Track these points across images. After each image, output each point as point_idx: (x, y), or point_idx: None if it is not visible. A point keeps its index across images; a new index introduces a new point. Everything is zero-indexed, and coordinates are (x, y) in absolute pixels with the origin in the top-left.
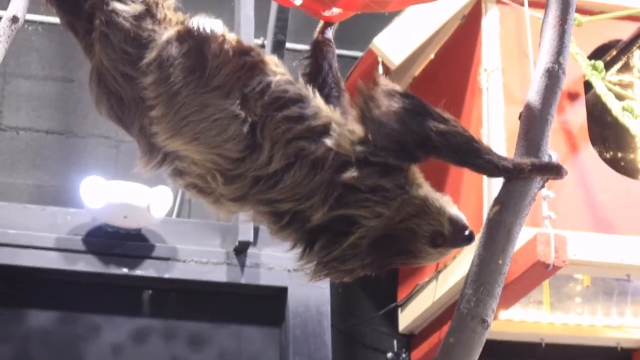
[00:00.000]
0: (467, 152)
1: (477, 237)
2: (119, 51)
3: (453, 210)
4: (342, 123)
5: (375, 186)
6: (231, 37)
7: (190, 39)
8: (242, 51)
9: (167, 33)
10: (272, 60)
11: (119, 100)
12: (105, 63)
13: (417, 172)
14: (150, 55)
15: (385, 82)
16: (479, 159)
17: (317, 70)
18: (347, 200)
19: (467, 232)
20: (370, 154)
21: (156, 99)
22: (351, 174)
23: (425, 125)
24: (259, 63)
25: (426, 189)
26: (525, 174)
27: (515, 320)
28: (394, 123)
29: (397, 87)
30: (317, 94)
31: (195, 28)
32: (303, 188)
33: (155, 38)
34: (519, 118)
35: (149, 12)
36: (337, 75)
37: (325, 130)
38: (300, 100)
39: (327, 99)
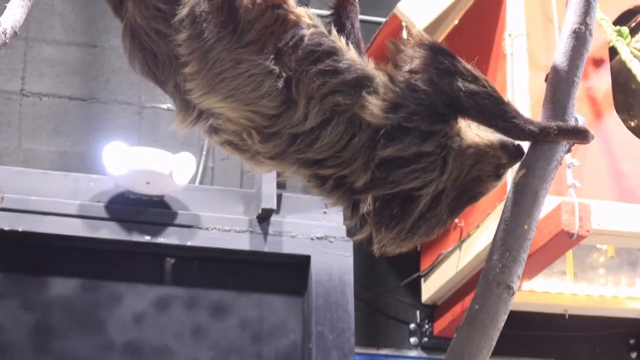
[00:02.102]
0: (494, 114)
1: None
2: (152, 8)
3: (495, 135)
4: (374, 76)
5: (418, 153)
6: None
7: None
8: (275, 4)
9: None
10: (305, 13)
11: (153, 57)
12: (138, 20)
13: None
14: (183, 11)
15: (418, 35)
16: (506, 122)
17: (339, 29)
18: (393, 173)
19: (517, 147)
20: (404, 120)
21: (190, 55)
22: (391, 149)
23: (455, 85)
24: (292, 15)
25: (466, 132)
26: (551, 137)
27: (539, 291)
28: (422, 84)
29: (429, 40)
30: (351, 46)
31: None
32: (344, 151)
33: None
34: (545, 80)
35: None
36: (358, 35)
37: (359, 84)
38: (334, 53)
39: None
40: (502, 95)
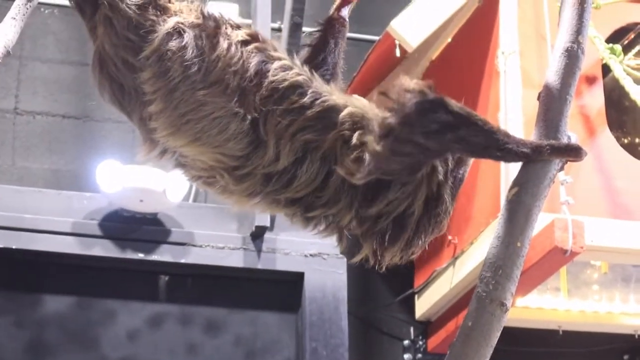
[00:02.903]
0: (487, 147)
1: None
2: (122, 37)
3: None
4: (341, 105)
5: (400, 195)
6: (230, 24)
7: (189, 30)
8: (240, 41)
9: (166, 24)
10: (270, 45)
11: (120, 87)
12: (106, 48)
13: None
14: (150, 47)
15: (402, 88)
16: (499, 150)
17: (322, 46)
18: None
19: None
20: (385, 174)
21: (154, 94)
22: (373, 209)
23: (444, 140)
24: (255, 50)
25: None
26: (544, 156)
27: (533, 307)
28: (409, 149)
29: (414, 96)
30: (315, 75)
31: (194, 19)
32: (325, 190)
33: (156, 29)
34: (538, 98)
35: (152, 1)
36: (338, 57)
37: (326, 116)
38: (299, 86)
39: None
40: (494, 114)
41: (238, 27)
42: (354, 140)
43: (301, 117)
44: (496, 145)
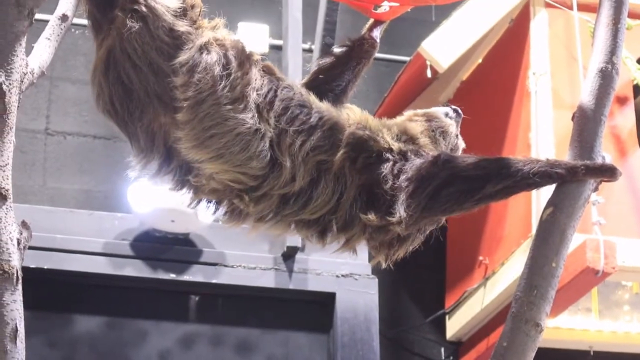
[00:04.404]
0: (519, 181)
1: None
2: (157, 38)
3: (437, 110)
4: (344, 123)
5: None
6: (245, 47)
7: (220, 47)
8: (254, 60)
9: (202, 38)
10: (270, 67)
11: (124, 94)
12: (130, 48)
13: None
14: (184, 56)
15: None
16: (534, 179)
17: (344, 60)
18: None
19: (455, 110)
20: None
21: (184, 102)
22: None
23: (472, 204)
24: (263, 72)
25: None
26: (579, 177)
27: (564, 327)
28: (434, 222)
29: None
30: (311, 93)
31: (221, 37)
32: (338, 212)
33: (191, 39)
34: (572, 119)
35: (185, 13)
36: (356, 76)
37: (332, 133)
38: (304, 105)
39: (327, 93)
40: (525, 135)
41: (246, 51)
42: (374, 219)
43: (311, 137)
44: (528, 176)
